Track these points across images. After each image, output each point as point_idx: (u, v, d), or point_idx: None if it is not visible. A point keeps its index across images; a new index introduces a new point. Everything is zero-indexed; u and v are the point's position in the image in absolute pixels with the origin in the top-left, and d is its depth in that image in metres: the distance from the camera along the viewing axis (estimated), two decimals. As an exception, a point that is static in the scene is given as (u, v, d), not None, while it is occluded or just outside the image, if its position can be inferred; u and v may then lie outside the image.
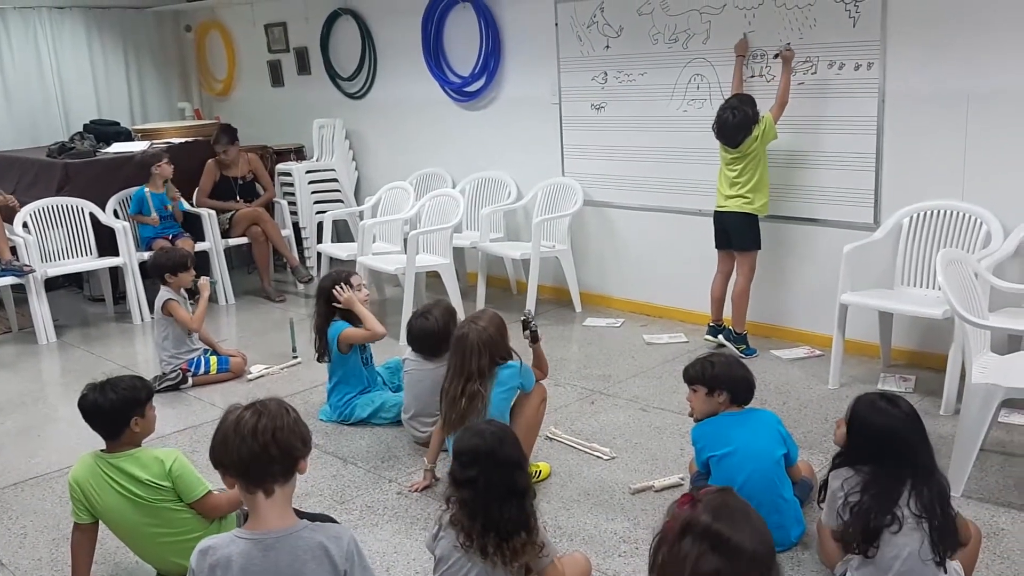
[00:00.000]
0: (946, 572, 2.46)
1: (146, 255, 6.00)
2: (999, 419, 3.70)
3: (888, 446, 2.51)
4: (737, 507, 1.78)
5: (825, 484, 2.67)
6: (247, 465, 2.05)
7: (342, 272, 4.34)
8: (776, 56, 4.74)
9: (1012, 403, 3.68)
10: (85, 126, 7.65)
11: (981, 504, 3.18)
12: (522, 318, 3.66)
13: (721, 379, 3.09)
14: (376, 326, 4.17)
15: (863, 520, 2.44)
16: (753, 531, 1.73)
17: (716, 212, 4.86)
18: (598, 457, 3.74)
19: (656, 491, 3.42)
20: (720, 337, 5.00)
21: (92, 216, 6.33)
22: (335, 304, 4.16)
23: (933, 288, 4.33)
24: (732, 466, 2.97)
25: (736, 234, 4.79)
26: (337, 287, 4.16)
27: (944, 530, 2.47)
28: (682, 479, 3.46)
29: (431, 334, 3.81)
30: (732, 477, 2.95)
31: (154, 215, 6.33)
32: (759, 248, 4.79)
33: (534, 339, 3.63)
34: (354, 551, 2.04)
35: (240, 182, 6.87)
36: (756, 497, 2.87)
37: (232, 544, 2.01)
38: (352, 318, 4.19)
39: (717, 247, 4.93)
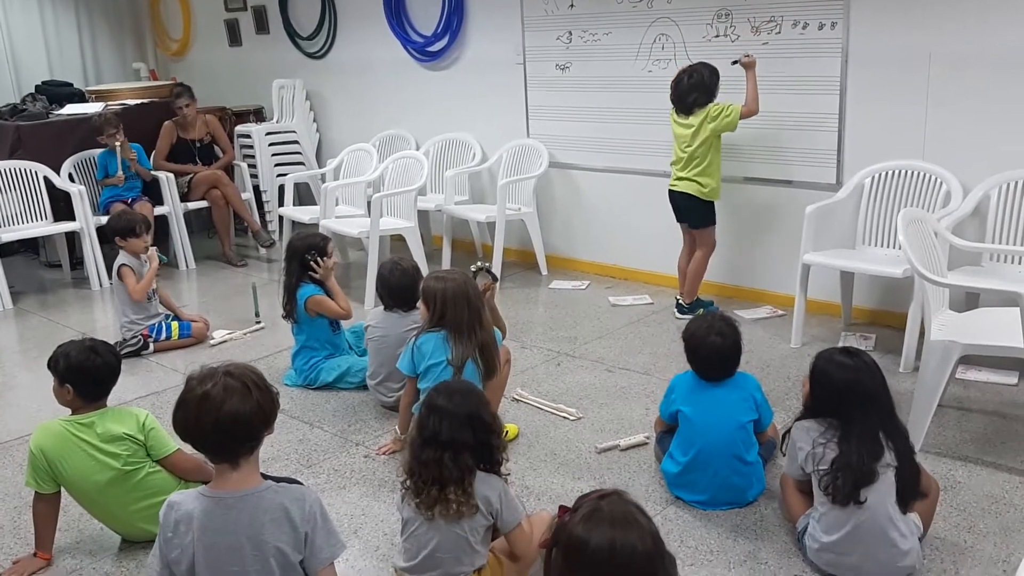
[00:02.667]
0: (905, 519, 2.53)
1: (104, 219, 5.88)
2: (957, 375, 3.78)
3: (849, 397, 2.55)
4: (616, 515, 1.65)
5: (787, 435, 2.72)
6: (212, 444, 2.05)
7: (317, 237, 4.29)
8: (734, 63, 4.56)
9: (969, 359, 3.76)
10: (37, 87, 7.45)
11: (939, 458, 3.25)
12: (474, 268, 3.59)
13: (688, 344, 3.11)
14: (347, 305, 4.19)
15: (854, 471, 2.47)
16: (634, 541, 1.63)
17: (669, 190, 4.82)
18: (564, 418, 3.77)
19: (622, 450, 3.45)
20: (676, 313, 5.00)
21: (46, 180, 6.18)
22: (308, 269, 4.12)
23: (894, 247, 4.38)
24: (695, 428, 3.01)
25: (688, 213, 4.77)
26: (315, 261, 4.12)
27: (910, 479, 2.54)
28: (647, 438, 3.49)
29: (409, 286, 3.76)
30: (693, 439, 3.01)
31: (120, 174, 6.20)
32: (713, 224, 4.78)
33: (489, 293, 3.57)
34: (316, 513, 2.03)
35: (198, 144, 6.74)
36: (714, 460, 2.95)
37: (195, 501, 2.02)
38: (323, 284, 4.18)
39: (677, 221, 4.91)
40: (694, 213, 4.74)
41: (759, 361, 4.26)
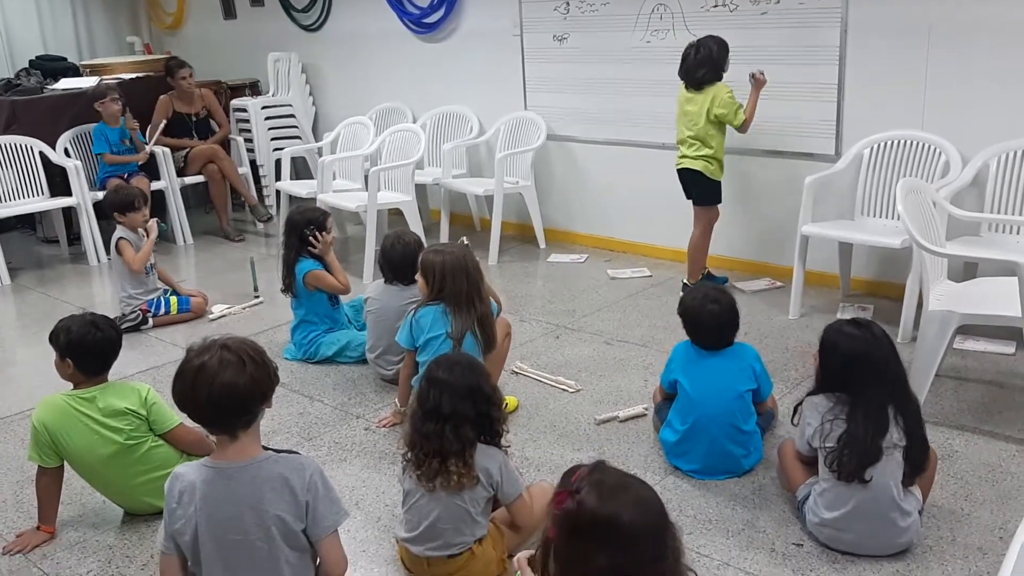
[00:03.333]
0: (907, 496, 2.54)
1: (101, 195, 5.86)
2: (954, 345, 3.79)
3: (859, 370, 2.53)
4: (615, 482, 1.62)
5: (799, 408, 2.72)
6: (207, 416, 2.06)
7: (316, 212, 4.28)
8: (751, 77, 4.48)
9: (967, 329, 3.76)
10: (31, 62, 7.40)
11: (936, 427, 3.26)
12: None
13: (684, 317, 3.12)
14: (346, 279, 4.19)
15: (859, 449, 2.47)
16: (639, 502, 1.60)
17: (677, 168, 4.75)
18: (563, 390, 3.78)
19: (621, 421, 3.47)
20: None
21: (42, 155, 6.16)
22: (308, 244, 4.12)
23: (892, 218, 4.38)
24: (692, 397, 3.02)
25: (693, 188, 4.72)
26: (314, 235, 4.11)
27: (918, 458, 2.54)
28: (646, 409, 3.51)
29: (411, 260, 3.75)
30: (691, 408, 3.02)
31: (145, 151, 6.24)
32: (718, 202, 4.74)
33: None
34: (317, 482, 2.04)
35: (194, 119, 6.71)
36: (711, 429, 2.96)
37: (198, 471, 2.03)
38: (322, 259, 4.18)
39: (687, 198, 4.82)
40: (700, 190, 4.70)
41: (757, 333, 4.27)
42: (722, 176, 4.66)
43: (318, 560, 2.13)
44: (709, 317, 3.03)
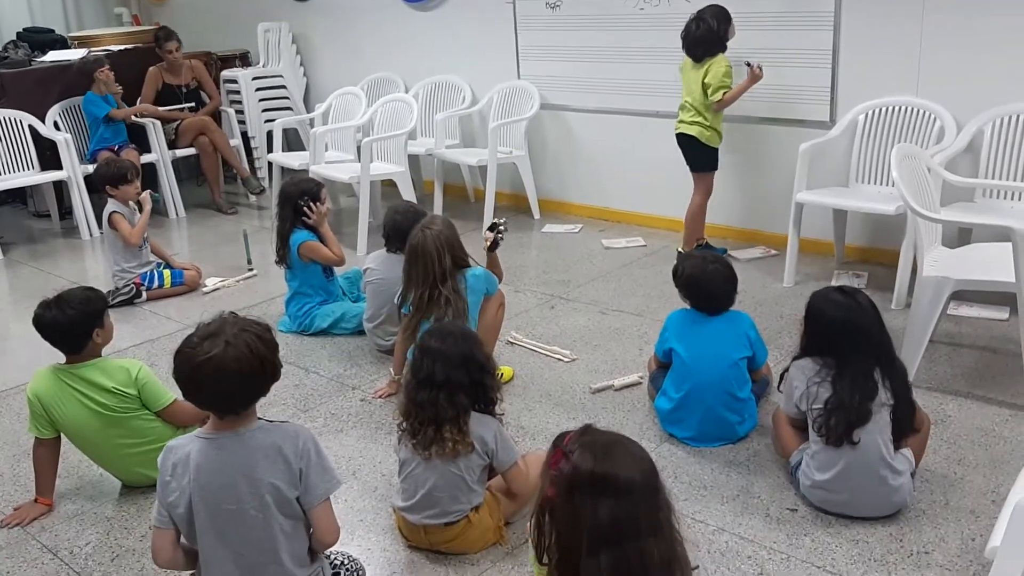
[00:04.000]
0: (898, 456, 2.56)
1: (91, 168, 5.82)
2: (948, 311, 3.80)
3: (844, 337, 2.56)
4: (609, 442, 1.68)
5: (785, 373, 2.74)
6: (205, 406, 2.06)
7: (309, 183, 4.26)
8: (747, 65, 4.48)
9: (961, 295, 3.77)
10: (18, 34, 7.31)
11: (930, 393, 3.28)
12: (493, 221, 3.58)
13: (683, 285, 3.13)
14: (340, 251, 4.18)
15: (846, 413, 2.49)
16: (633, 458, 1.66)
17: (676, 133, 4.73)
18: (559, 359, 3.79)
19: (616, 390, 3.48)
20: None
21: (32, 128, 6.10)
22: (302, 215, 4.10)
23: (887, 185, 4.37)
24: (687, 365, 3.03)
25: (689, 154, 4.71)
26: (308, 206, 4.09)
27: (905, 417, 2.56)
28: (641, 377, 3.52)
29: (406, 224, 3.74)
30: (687, 375, 3.03)
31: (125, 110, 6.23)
32: (714, 170, 4.72)
33: (494, 247, 3.58)
34: (310, 449, 2.04)
35: (184, 90, 6.65)
36: (706, 396, 2.97)
37: (191, 443, 2.03)
38: (316, 230, 4.16)
39: (687, 164, 4.81)
40: (696, 156, 4.68)
41: (752, 300, 4.28)
42: (719, 143, 4.64)
43: (311, 528, 2.14)
44: (714, 275, 3.06)
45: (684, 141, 4.67)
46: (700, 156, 4.66)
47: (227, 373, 1.92)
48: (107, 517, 2.82)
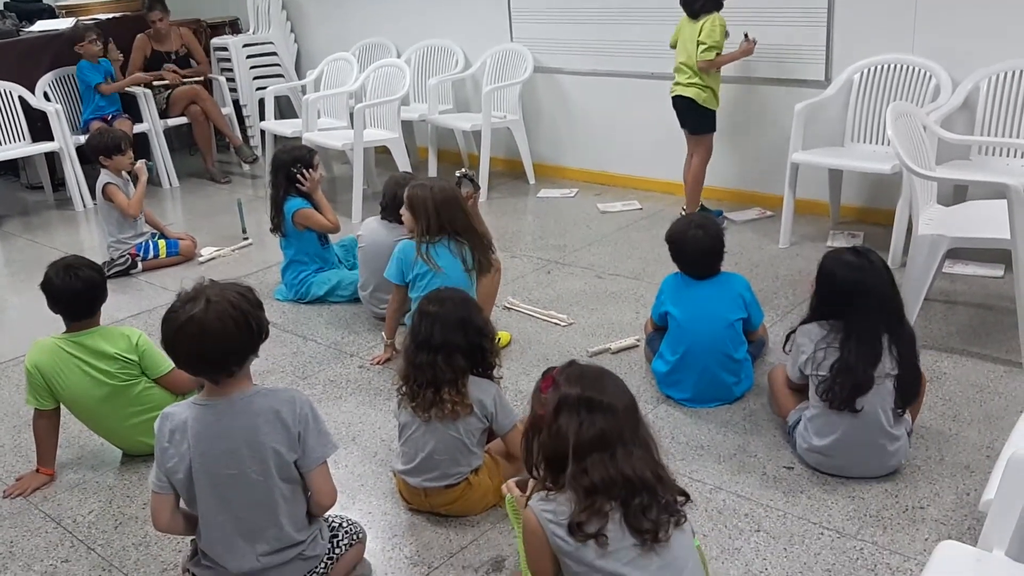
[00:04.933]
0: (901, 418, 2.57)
1: (83, 139, 5.78)
2: (944, 269, 3.81)
3: (852, 298, 2.53)
4: (594, 372, 1.86)
5: (792, 335, 2.72)
6: (193, 370, 2.07)
7: (302, 149, 4.23)
8: (744, 37, 4.49)
9: (956, 253, 3.78)
10: (5, 4, 7.23)
11: (925, 351, 3.27)
12: (458, 175, 3.58)
13: (670, 244, 3.13)
14: (335, 218, 4.17)
15: (851, 378, 2.49)
16: (615, 387, 1.83)
17: (671, 96, 4.70)
18: (555, 324, 3.80)
19: (613, 353, 3.49)
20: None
21: (22, 100, 6.05)
22: (295, 182, 4.08)
23: (883, 144, 4.36)
24: (683, 327, 3.04)
25: (687, 117, 4.68)
26: (301, 173, 4.07)
27: (910, 387, 2.55)
28: (638, 340, 3.53)
29: (395, 194, 3.73)
30: (682, 337, 3.04)
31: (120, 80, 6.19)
32: (712, 131, 4.69)
33: (477, 187, 3.58)
34: (308, 414, 2.06)
35: (173, 57, 6.58)
36: (702, 358, 2.99)
37: (188, 410, 2.04)
38: (310, 197, 4.15)
39: (681, 127, 4.79)
40: (693, 118, 4.65)
41: (748, 262, 4.28)
42: (717, 106, 4.62)
43: (309, 492, 2.16)
44: (693, 243, 3.04)
45: (681, 104, 4.65)
46: (698, 119, 4.64)
47: (211, 332, 1.92)
48: (109, 486, 2.84)
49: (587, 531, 1.72)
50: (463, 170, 3.62)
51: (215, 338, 1.93)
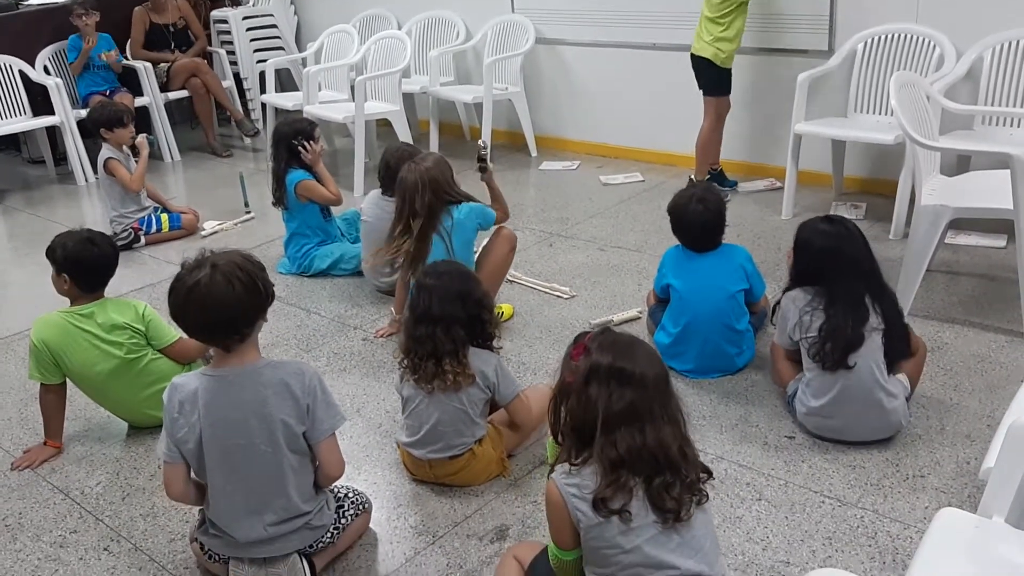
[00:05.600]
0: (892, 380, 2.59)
1: (84, 113, 5.77)
2: (946, 240, 3.81)
3: (831, 264, 2.57)
4: (626, 341, 1.82)
5: (777, 305, 2.76)
6: (202, 336, 2.08)
7: (303, 122, 4.23)
8: None
9: (959, 224, 3.78)
10: (3, -23, 7.16)
11: (927, 321, 3.31)
12: (479, 150, 3.57)
13: (673, 222, 3.12)
14: (337, 190, 4.16)
15: (841, 338, 2.51)
16: (647, 357, 1.80)
17: (691, 55, 4.65)
18: (558, 296, 3.80)
19: (615, 325, 3.50)
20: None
21: (22, 73, 6.03)
22: (296, 155, 4.08)
23: (886, 114, 4.34)
24: (686, 299, 3.05)
25: (700, 77, 4.64)
26: (303, 145, 4.07)
27: (898, 340, 2.59)
28: (640, 312, 3.54)
29: (387, 165, 3.72)
30: (684, 309, 3.05)
31: (112, 54, 6.13)
32: (725, 94, 4.65)
33: (483, 171, 3.52)
34: (316, 386, 2.07)
35: (172, 29, 6.55)
36: (704, 329, 3.00)
37: (198, 380, 2.06)
38: (312, 169, 4.14)
39: (699, 88, 4.75)
40: (707, 78, 4.60)
41: (750, 233, 4.28)
42: (730, 65, 4.56)
43: (316, 463, 2.19)
44: (693, 217, 3.04)
45: (697, 64, 4.60)
46: (711, 78, 4.59)
47: (219, 295, 1.94)
48: (116, 458, 2.87)
49: (611, 507, 1.71)
50: (482, 144, 3.60)
51: (223, 301, 1.95)
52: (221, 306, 1.96)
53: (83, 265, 2.77)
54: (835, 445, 2.64)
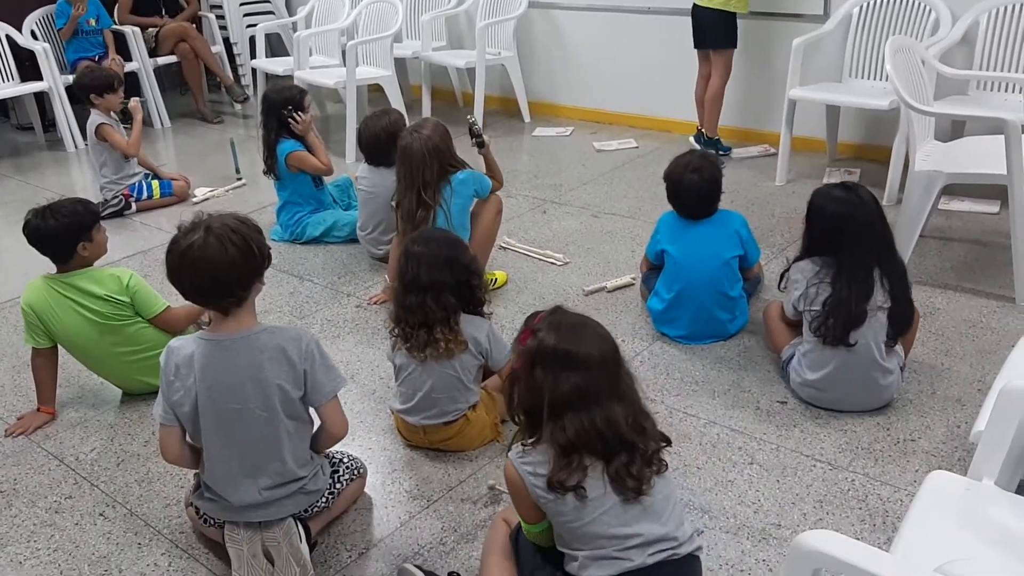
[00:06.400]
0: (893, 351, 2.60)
1: (71, 78, 5.70)
2: (939, 206, 3.81)
3: (842, 232, 2.54)
4: (571, 322, 1.81)
5: (786, 274, 2.74)
6: (197, 299, 2.07)
7: (293, 90, 4.18)
8: None
9: (952, 190, 3.78)
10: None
11: (919, 286, 3.31)
12: (469, 125, 3.57)
13: (669, 189, 3.11)
14: (328, 160, 4.13)
15: (844, 313, 2.50)
16: (594, 337, 1.78)
17: (693, 6, 4.61)
18: (552, 263, 3.80)
19: (608, 291, 3.51)
20: (691, 140, 4.94)
21: (9, 39, 5.95)
22: (287, 124, 4.04)
23: (881, 79, 4.32)
24: (679, 265, 3.05)
25: (710, 30, 4.58)
26: (292, 117, 4.03)
27: (901, 320, 2.58)
28: (633, 279, 3.54)
29: (382, 145, 3.71)
30: (678, 275, 3.05)
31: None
32: (734, 47, 4.61)
33: (480, 145, 3.55)
34: (313, 350, 2.07)
35: (161, -6, 6.47)
36: (698, 295, 3.00)
37: (194, 344, 2.06)
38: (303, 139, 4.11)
39: (695, 46, 4.72)
40: (715, 30, 4.54)
41: (744, 199, 4.28)
42: (745, 9, 4.49)
43: (316, 426, 2.20)
44: (689, 185, 3.02)
45: (703, 15, 4.54)
46: (719, 29, 4.52)
47: (214, 257, 1.93)
48: (110, 424, 2.87)
49: (567, 485, 1.73)
50: (471, 119, 3.58)
51: (216, 263, 1.94)
52: (214, 268, 1.95)
53: (39, 240, 2.75)
54: (826, 410, 2.65)
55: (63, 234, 2.74)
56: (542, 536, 1.88)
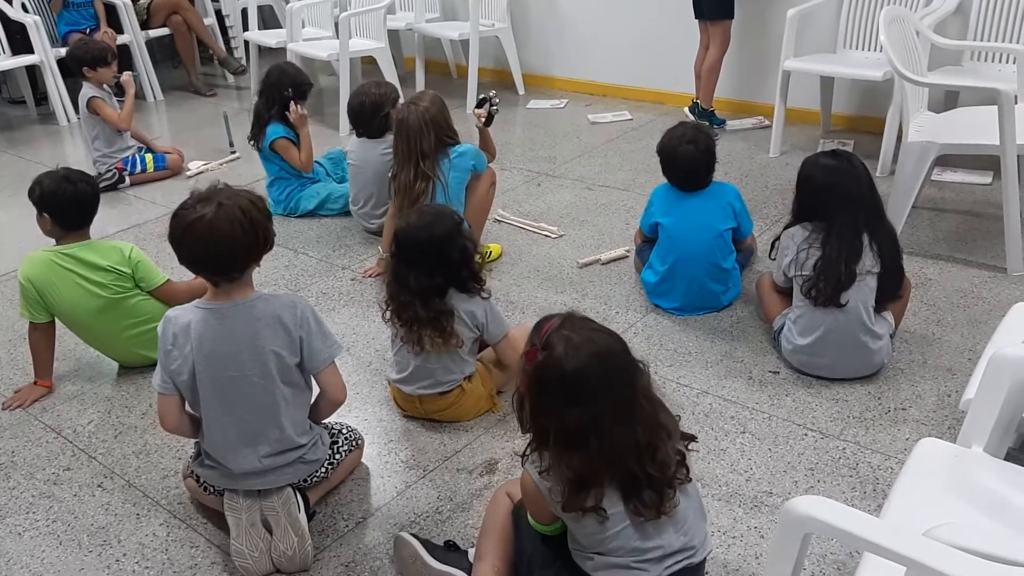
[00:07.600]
0: (879, 320, 2.62)
1: (63, 51, 5.66)
2: (932, 177, 3.82)
3: (831, 198, 2.56)
4: (581, 341, 1.63)
5: (777, 242, 2.77)
6: (194, 263, 2.07)
7: (304, 77, 4.17)
8: None
9: (945, 161, 3.79)
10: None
11: (911, 257, 3.33)
12: (482, 96, 3.56)
13: (660, 156, 3.11)
14: (309, 159, 4.12)
15: (834, 274, 2.53)
16: (606, 360, 1.63)
17: None
18: (546, 236, 3.81)
19: (603, 264, 3.52)
20: (686, 111, 4.93)
21: (-1, 11, 5.91)
22: (284, 109, 4.04)
23: (875, 50, 4.31)
24: (673, 238, 3.06)
25: (707, 1, 4.57)
26: (292, 99, 4.03)
27: (891, 284, 2.60)
28: (627, 251, 3.55)
29: (370, 114, 3.71)
30: (672, 247, 3.06)
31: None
32: (731, 17, 4.58)
33: (488, 122, 3.55)
34: (309, 317, 2.09)
35: (150, -35, 6.40)
36: (691, 267, 3.01)
37: (191, 313, 2.07)
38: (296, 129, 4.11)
39: (695, 17, 4.71)
40: (712, 1, 4.53)
41: (738, 171, 4.28)
42: None
43: (316, 394, 2.22)
44: (683, 157, 3.03)
45: None
46: (715, 1, 4.51)
47: (219, 234, 1.94)
48: (107, 397, 2.88)
49: (584, 507, 1.65)
50: (492, 95, 3.59)
51: (221, 241, 1.95)
52: (217, 245, 1.95)
53: (61, 203, 2.75)
54: (819, 380, 2.68)
55: (95, 197, 2.82)
56: (551, 531, 1.84)
